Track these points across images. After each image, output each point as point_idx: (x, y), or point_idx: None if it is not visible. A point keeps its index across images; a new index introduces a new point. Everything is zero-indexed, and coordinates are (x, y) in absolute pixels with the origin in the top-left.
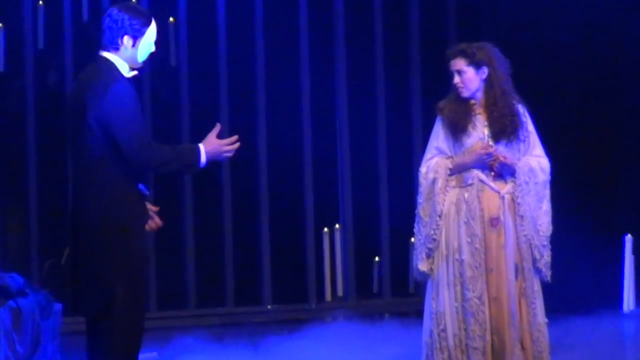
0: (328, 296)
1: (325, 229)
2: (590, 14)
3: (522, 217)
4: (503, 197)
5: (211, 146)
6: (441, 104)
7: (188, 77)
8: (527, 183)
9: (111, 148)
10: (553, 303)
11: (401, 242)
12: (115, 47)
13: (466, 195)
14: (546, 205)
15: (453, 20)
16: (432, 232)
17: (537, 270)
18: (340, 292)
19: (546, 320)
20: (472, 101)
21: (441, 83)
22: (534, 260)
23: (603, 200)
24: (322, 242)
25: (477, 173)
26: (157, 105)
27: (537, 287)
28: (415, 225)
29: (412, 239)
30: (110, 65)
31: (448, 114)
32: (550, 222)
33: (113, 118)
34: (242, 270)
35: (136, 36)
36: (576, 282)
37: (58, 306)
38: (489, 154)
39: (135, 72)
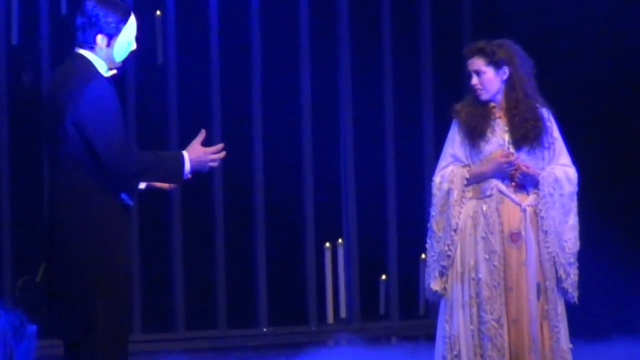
0: (330, 318)
1: (327, 244)
2: (617, 12)
3: (546, 232)
4: (525, 210)
5: (195, 154)
6: (457, 106)
7: (176, 75)
8: (551, 195)
9: (90, 154)
10: (579, 327)
11: (410, 259)
12: (90, 46)
13: (484, 208)
14: (572, 219)
15: (468, 13)
16: (446, 248)
17: (562, 291)
18: (343, 314)
19: (570, 345)
20: (492, 104)
21: (455, 84)
22: (559, 280)
23: (636, 213)
24: (323, 258)
25: (496, 183)
26: (142, 107)
27: (562, 309)
28: (428, 240)
29: (423, 256)
30: (86, 62)
31: (465, 117)
32: (577, 238)
33: (89, 120)
34: (236, 290)
35: (111, 35)
36: (605, 304)
37: (32, 328)
38: (510, 163)
39: (114, 72)
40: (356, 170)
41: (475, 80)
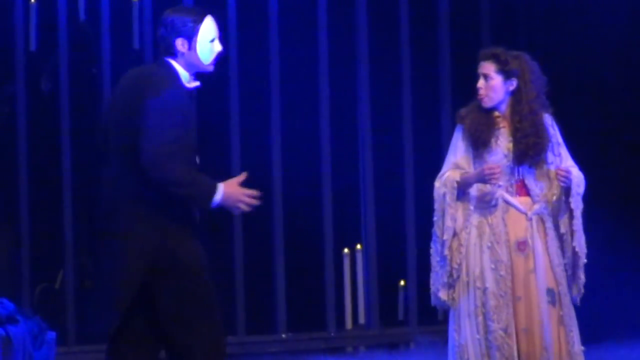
0: (348, 324)
1: (346, 250)
2: (636, 19)
3: (575, 231)
4: (531, 219)
5: (231, 189)
6: (462, 111)
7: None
8: (578, 194)
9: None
10: (590, 330)
11: (429, 265)
12: (172, 54)
13: (490, 218)
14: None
15: (486, 22)
16: (446, 252)
17: (571, 293)
18: (362, 320)
19: (583, 348)
20: (496, 113)
21: (473, 93)
22: (574, 277)
23: None
24: (342, 264)
25: (501, 193)
26: None
27: (573, 312)
28: (432, 245)
29: None
30: (170, 70)
31: (469, 125)
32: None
33: (149, 120)
34: (254, 296)
35: (190, 37)
36: (616, 306)
37: (52, 334)
38: (492, 174)
39: (197, 83)
40: (375, 176)
41: (481, 83)
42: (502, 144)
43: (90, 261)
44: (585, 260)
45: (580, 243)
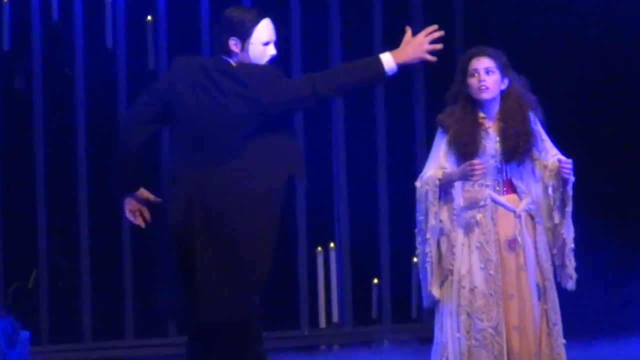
0: (322, 322)
1: (319, 248)
2: (608, 23)
3: (566, 218)
4: (519, 216)
5: (407, 45)
6: (443, 117)
7: None
8: (572, 183)
9: (276, 155)
10: (572, 325)
11: (402, 263)
12: (226, 53)
13: (479, 218)
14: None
15: (460, 25)
16: (427, 249)
17: (565, 278)
18: (335, 318)
19: (564, 341)
20: (481, 114)
21: (447, 91)
22: (563, 267)
23: (626, 210)
24: (315, 263)
25: (489, 193)
26: None
27: (557, 306)
28: (419, 246)
29: (415, 259)
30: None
31: (454, 136)
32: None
33: (280, 89)
34: None
35: (243, 37)
36: (598, 301)
37: (25, 334)
38: (473, 169)
39: None
40: (348, 175)
41: (483, 76)
42: (490, 146)
43: (65, 260)
44: (573, 245)
45: (569, 230)
